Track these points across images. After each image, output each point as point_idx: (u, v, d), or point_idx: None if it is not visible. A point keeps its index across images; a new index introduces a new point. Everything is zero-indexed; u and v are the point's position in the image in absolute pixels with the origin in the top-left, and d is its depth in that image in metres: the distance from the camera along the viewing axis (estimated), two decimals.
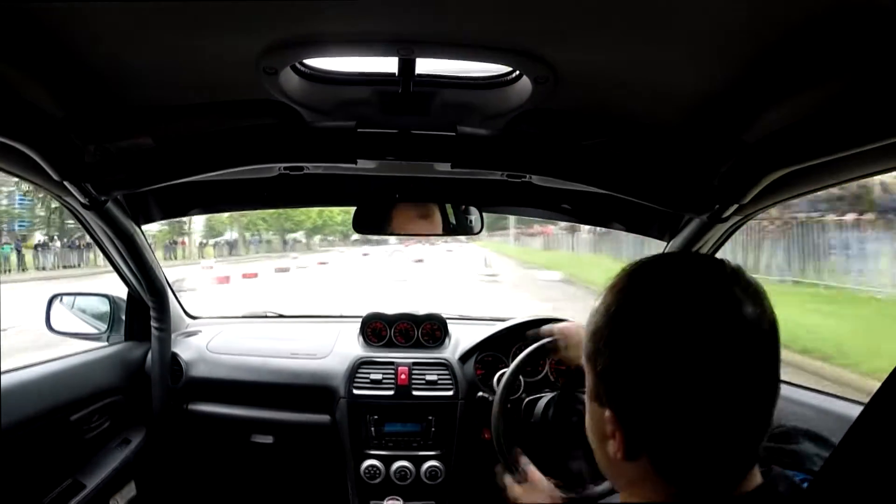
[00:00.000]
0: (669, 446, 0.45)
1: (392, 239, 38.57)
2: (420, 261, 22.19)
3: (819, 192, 1.06)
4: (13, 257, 19.14)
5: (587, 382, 0.51)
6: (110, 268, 1.45)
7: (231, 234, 33.39)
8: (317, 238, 40.14)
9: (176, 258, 25.91)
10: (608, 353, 0.47)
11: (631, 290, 0.48)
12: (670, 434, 0.44)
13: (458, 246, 31.16)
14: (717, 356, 0.43)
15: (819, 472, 0.49)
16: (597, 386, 0.49)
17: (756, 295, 0.45)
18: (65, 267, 19.81)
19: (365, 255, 28.43)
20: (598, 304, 0.49)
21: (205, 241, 30.99)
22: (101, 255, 1.43)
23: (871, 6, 0.56)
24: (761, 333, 0.44)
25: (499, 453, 1.24)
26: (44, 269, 19.38)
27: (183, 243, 28.86)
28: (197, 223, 30.87)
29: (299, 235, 39.30)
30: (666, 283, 0.46)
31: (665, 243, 1.42)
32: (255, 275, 16.41)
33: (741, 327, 0.43)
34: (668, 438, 0.45)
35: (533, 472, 1.03)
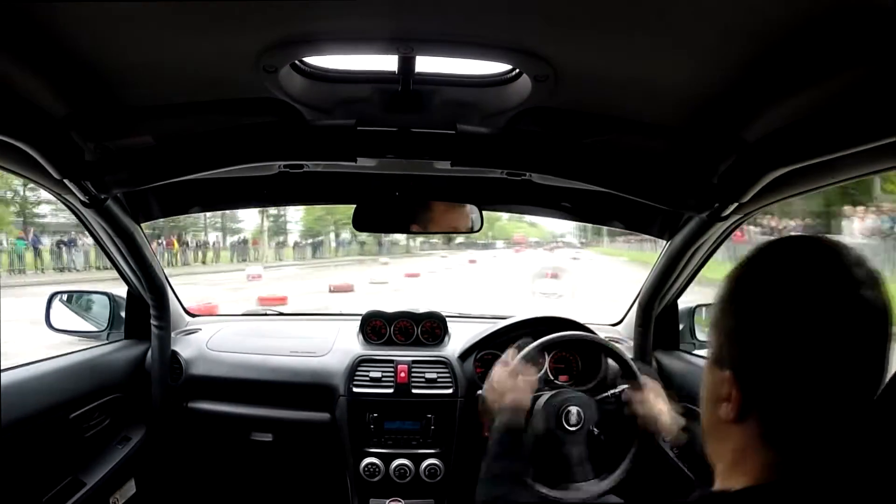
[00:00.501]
0: (780, 408, 0.48)
1: (500, 242, 36.44)
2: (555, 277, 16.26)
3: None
4: (28, 255, 15.78)
5: (710, 349, 0.54)
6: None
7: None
8: (419, 240, 32.86)
9: (248, 259, 22.10)
10: (734, 317, 0.50)
11: (759, 261, 0.51)
12: (783, 397, 0.47)
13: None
14: (834, 328, 0.45)
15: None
16: (720, 347, 0.52)
17: (875, 280, 0.47)
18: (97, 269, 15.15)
19: (472, 261, 23.57)
20: (726, 277, 0.53)
21: (282, 239, 26.49)
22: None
23: (871, 5, 0.56)
24: (876, 314, 0.46)
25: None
26: (68, 269, 15.91)
27: (255, 243, 24.46)
28: (291, 217, 27.31)
29: (400, 236, 33.55)
30: (793, 257, 0.50)
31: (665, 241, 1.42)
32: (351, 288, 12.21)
33: (858, 305, 0.46)
34: (781, 401, 0.47)
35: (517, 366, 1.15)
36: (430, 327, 1.70)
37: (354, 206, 1.33)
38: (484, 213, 1.35)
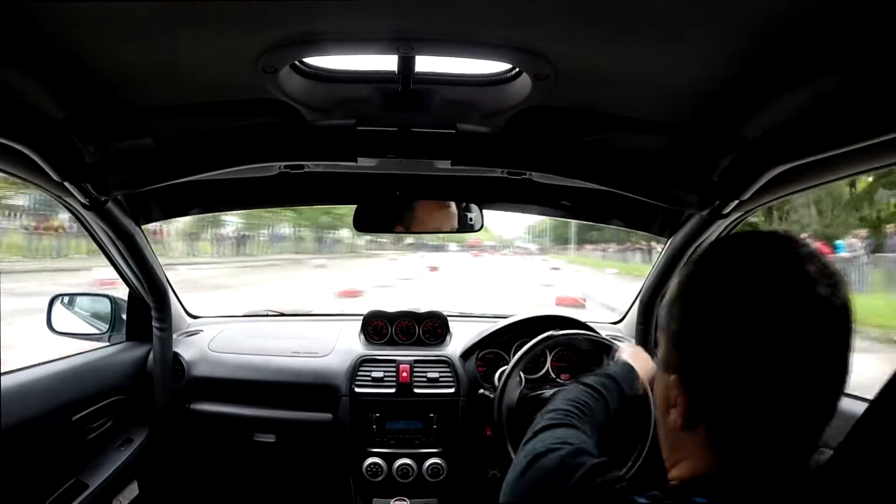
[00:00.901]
0: (727, 415, 0.45)
1: (453, 245, 32.28)
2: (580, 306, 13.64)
3: None
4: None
5: (659, 353, 0.52)
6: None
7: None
8: (365, 238, 29.34)
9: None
10: (679, 319, 0.48)
11: (706, 260, 0.49)
12: (730, 402, 0.45)
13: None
14: (784, 329, 0.43)
15: (822, 467, 0.49)
16: (668, 352, 0.50)
17: (830, 276, 0.44)
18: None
19: (433, 269, 19.45)
20: (677, 275, 0.52)
21: (195, 231, 20.49)
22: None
23: (870, 1, 0.56)
24: (832, 313, 0.43)
25: (500, 450, 1.24)
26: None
27: (159, 234, 17.98)
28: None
29: (345, 233, 28.46)
30: (740, 255, 0.47)
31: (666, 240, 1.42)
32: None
33: (811, 304, 0.43)
34: (727, 406, 0.45)
35: None
36: (432, 327, 1.70)
37: (352, 206, 1.33)
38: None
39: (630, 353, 1.06)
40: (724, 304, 0.45)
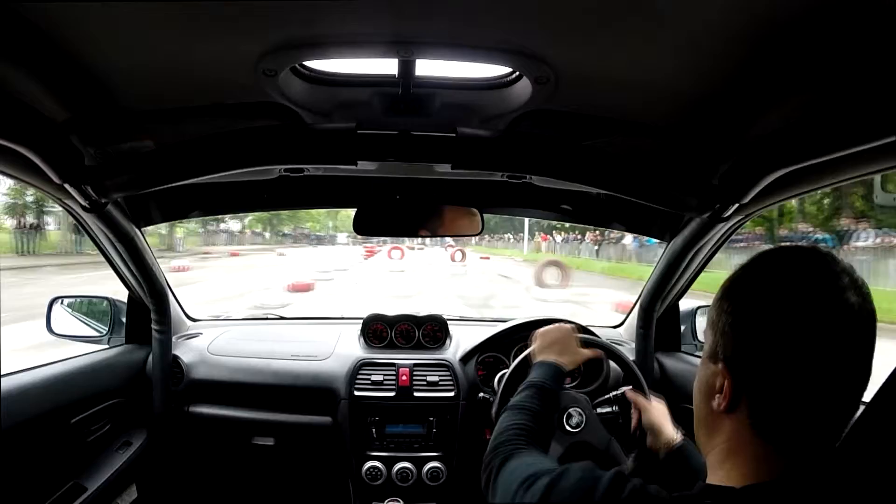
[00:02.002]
0: (768, 397, 0.51)
1: (342, 236, 31.11)
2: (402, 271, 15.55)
3: None
4: None
5: (706, 346, 0.57)
6: None
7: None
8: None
9: None
10: (730, 315, 0.54)
11: (755, 266, 0.55)
12: (771, 386, 0.51)
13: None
14: (819, 327, 0.49)
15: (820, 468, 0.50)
16: (715, 343, 0.55)
17: (860, 288, 0.51)
18: None
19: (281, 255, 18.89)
20: (727, 278, 0.57)
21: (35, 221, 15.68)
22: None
23: (871, 5, 0.56)
24: (861, 320, 0.50)
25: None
26: None
27: None
28: None
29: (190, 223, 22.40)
30: (786, 264, 0.53)
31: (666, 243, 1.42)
32: None
33: (842, 308, 0.49)
34: (769, 390, 0.51)
35: None
36: (432, 330, 1.70)
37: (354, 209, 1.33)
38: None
39: (540, 346, 1.10)
40: (770, 304, 0.51)
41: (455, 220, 1.35)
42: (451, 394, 1.51)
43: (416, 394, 1.50)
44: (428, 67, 0.85)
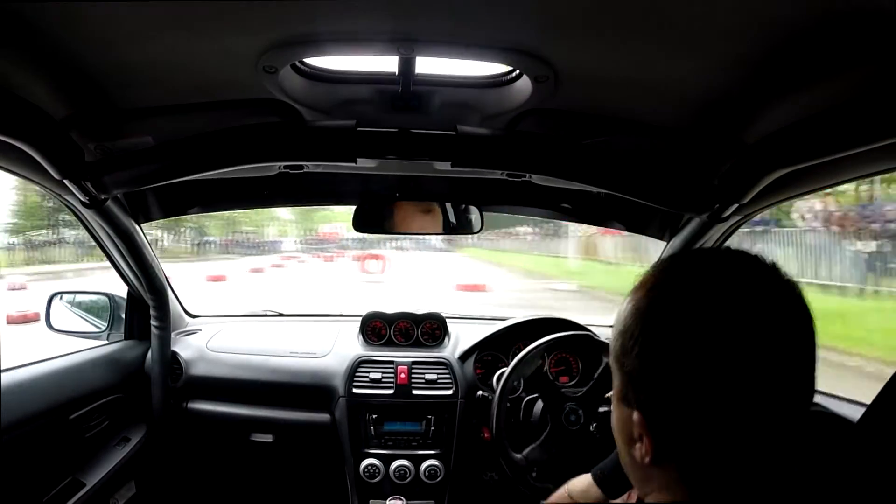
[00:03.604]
0: (698, 454, 0.43)
1: (287, 243, 25.75)
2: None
3: None
4: None
5: (614, 383, 0.49)
6: None
7: None
8: None
9: None
10: (638, 354, 0.44)
11: (662, 287, 0.45)
12: (699, 441, 0.42)
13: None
14: (753, 360, 0.40)
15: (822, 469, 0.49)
16: (625, 387, 0.46)
17: (793, 294, 0.42)
18: None
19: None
20: (628, 301, 0.47)
21: None
22: None
23: (871, 7, 0.56)
24: (799, 336, 0.42)
25: (498, 452, 1.24)
26: None
27: None
28: None
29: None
30: (699, 281, 0.44)
31: (665, 243, 1.42)
32: None
33: (778, 330, 0.41)
34: (697, 446, 0.43)
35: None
36: (431, 328, 1.70)
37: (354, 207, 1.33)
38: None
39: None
40: (685, 337, 0.42)
41: (455, 218, 1.35)
42: (450, 392, 1.51)
43: (414, 392, 1.50)
44: (428, 65, 0.85)
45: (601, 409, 1.23)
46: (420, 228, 1.37)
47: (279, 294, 10.55)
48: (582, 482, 0.94)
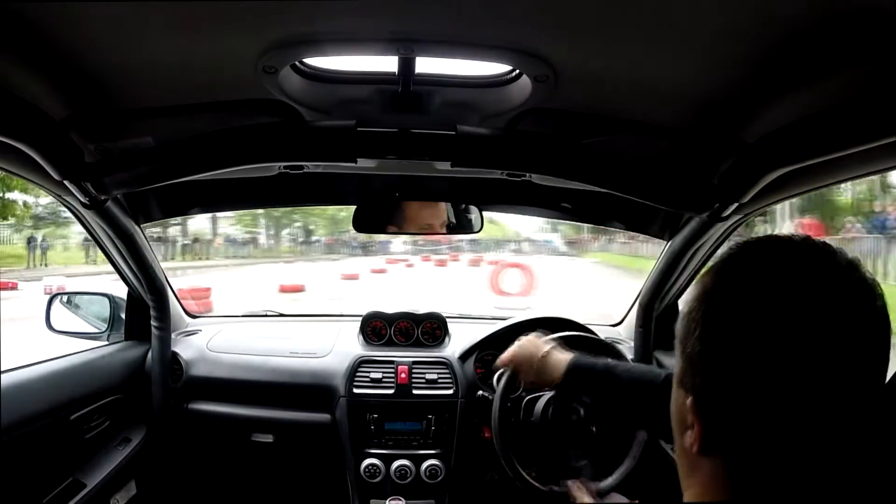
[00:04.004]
0: (746, 446, 0.41)
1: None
2: None
3: None
4: None
5: (677, 367, 0.47)
6: None
7: None
8: None
9: None
10: (699, 336, 0.42)
11: (732, 270, 0.43)
12: (749, 432, 0.40)
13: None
14: (815, 354, 0.38)
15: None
16: (684, 371, 0.45)
17: (871, 291, 0.40)
18: None
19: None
20: (695, 285, 0.45)
21: None
22: None
23: (870, 6, 0.57)
24: (873, 334, 0.39)
25: (499, 452, 1.24)
26: None
27: None
28: None
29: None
30: (772, 267, 0.41)
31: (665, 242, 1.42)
32: None
33: (852, 325, 0.38)
34: (747, 437, 0.41)
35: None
36: (431, 328, 1.70)
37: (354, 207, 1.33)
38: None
39: (510, 355, 1.14)
40: (749, 323, 0.40)
41: (455, 218, 1.35)
42: (450, 392, 1.51)
43: (414, 391, 1.50)
44: (428, 65, 0.85)
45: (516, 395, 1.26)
46: (420, 228, 1.37)
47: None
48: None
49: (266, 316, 2.06)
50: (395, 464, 1.47)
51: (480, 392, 1.48)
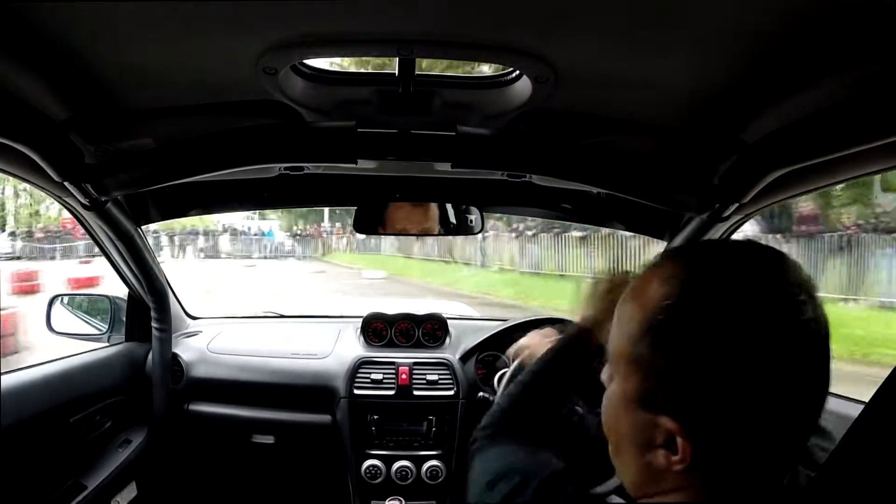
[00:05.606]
0: (735, 461, 0.41)
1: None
2: None
3: None
4: None
5: (628, 384, 0.45)
6: None
7: None
8: None
9: None
10: (669, 353, 0.41)
11: (693, 282, 0.42)
12: (735, 444, 0.41)
13: None
14: (787, 361, 0.40)
15: (820, 469, 0.48)
16: (645, 388, 0.43)
17: (814, 295, 0.41)
18: None
19: None
20: (645, 294, 0.44)
21: None
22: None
23: (870, 5, 0.56)
24: (821, 336, 0.41)
25: None
26: None
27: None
28: None
29: None
30: (739, 272, 0.42)
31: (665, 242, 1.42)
32: None
33: (807, 331, 0.40)
34: (737, 453, 0.41)
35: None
36: (431, 329, 1.70)
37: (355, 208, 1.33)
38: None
39: (519, 347, 1.12)
40: (726, 338, 0.39)
41: (455, 219, 1.35)
42: (451, 392, 1.51)
43: (415, 392, 1.50)
44: (428, 65, 0.85)
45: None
46: (420, 229, 1.37)
47: None
48: None
49: (266, 317, 2.06)
50: (396, 465, 1.47)
51: (481, 393, 1.48)
